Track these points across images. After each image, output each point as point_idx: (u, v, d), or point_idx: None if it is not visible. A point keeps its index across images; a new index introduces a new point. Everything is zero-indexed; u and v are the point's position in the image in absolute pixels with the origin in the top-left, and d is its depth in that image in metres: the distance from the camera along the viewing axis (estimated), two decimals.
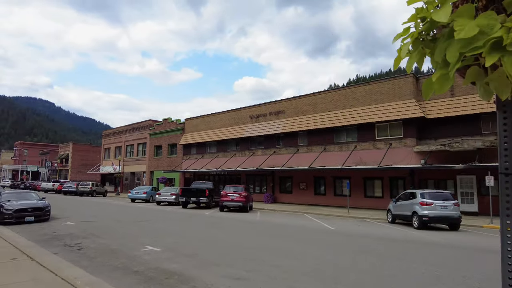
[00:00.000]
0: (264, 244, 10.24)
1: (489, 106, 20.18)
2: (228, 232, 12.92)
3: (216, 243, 10.33)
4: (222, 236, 11.79)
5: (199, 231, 13.03)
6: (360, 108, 24.91)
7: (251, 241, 10.84)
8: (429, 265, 7.79)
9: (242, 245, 10.03)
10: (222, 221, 16.59)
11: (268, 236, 12.11)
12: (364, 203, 23.85)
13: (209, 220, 17.00)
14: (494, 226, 15.29)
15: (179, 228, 13.84)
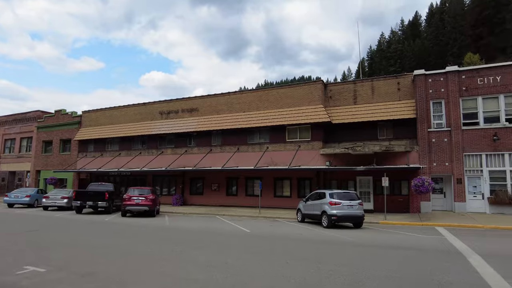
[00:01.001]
0: (178, 253, 9.14)
1: (384, 115, 22.57)
2: (134, 241, 11.35)
3: (120, 255, 8.82)
4: (126, 246, 10.22)
5: (98, 241, 11.14)
6: (273, 110, 25.35)
7: (162, 250, 9.60)
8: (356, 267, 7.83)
9: (152, 256, 8.75)
10: (125, 228, 14.72)
11: (181, 243, 10.99)
12: (274, 203, 24.29)
13: (110, 227, 14.93)
14: (388, 222, 16.94)
15: (72, 238, 11.65)
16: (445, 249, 10.07)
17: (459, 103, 20.35)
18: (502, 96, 19.57)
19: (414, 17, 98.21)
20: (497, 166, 19.28)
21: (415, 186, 17.91)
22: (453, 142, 20.09)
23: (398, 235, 13.16)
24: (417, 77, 21.65)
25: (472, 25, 73.84)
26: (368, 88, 23.80)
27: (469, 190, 19.66)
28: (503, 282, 6.55)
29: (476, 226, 15.31)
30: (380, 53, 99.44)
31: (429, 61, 74.70)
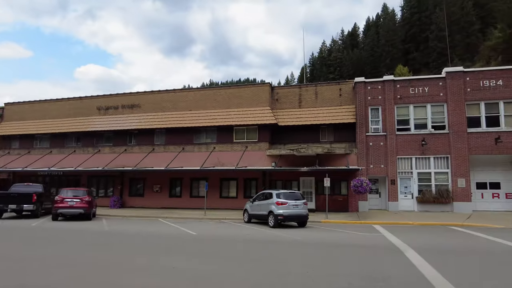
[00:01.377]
0: (120, 261, 8.48)
1: (326, 119, 23.61)
2: (68, 248, 10.31)
3: (53, 267, 7.92)
4: (59, 255, 9.23)
5: (21, 251, 9.90)
6: (220, 110, 25.09)
7: (102, 258, 8.84)
8: (310, 266, 7.93)
9: (92, 264, 8.00)
10: (58, 233, 13.35)
11: (124, 249, 10.25)
12: (219, 204, 24.00)
13: (39, 233, 13.43)
14: (330, 221, 17.70)
15: None
16: (384, 246, 10.75)
17: (394, 110, 22.06)
18: (429, 105, 21.65)
19: (353, 28, 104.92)
20: (424, 168, 21.27)
21: (354, 186, 18.97)
22: (388, 146, 21.71)
23: (341, 233, 13.78)
24: (357, 84, 23.01)
25: (402, 40, 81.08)
26: (312, 93, 24.72)
27: (401, 190, 21.41)
28: (436, 273, 7.13)
29: (407, 223, 16.68)
30: (321, 60, 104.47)
31: (365, 70, 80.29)
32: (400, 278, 6.89)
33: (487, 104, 20.85)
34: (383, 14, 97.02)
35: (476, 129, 20.68)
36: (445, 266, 7.81)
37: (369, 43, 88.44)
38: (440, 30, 70.74)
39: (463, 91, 21.01)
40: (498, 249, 10.22)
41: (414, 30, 79.53)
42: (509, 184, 20.80)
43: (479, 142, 20.48)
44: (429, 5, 79.80)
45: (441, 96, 21.46)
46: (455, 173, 20.43)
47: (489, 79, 20.93)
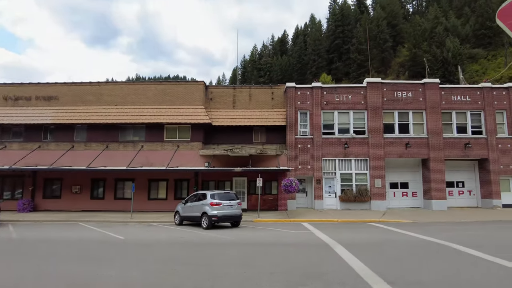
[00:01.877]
0: (36, 274, 7.50)
1: (259, 121, 24.13)
2: None
3: None
4: None
5: None
6: (151, 107, 23.91)
7: (17, 268, 7.71)
8: (248, 266, 7.92)
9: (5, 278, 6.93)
10: None
11: (39, 257, 9.09)
12: (147, 206, 22.81)
13: None
14: (262, 220, 18.08)
15: None
16: (315, 243, 11.35)
17: (321, 115, 23.49)
18: (352, 112, 23.56)
19: (283, 35, 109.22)
20: (346, 170, 23.07)
21: (285, 186, 19.71)
22: (315, 148, 23.03)
23: (274, 231, 14.17)
24: (288, 89, 23.98)
25: (327, 50, 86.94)
26: (246, 95, 25.06)
27: (326, 190, 22.88)
28: (364, 267, 7.76)
29: (332, 220, 17.87)
30: (252, 64, 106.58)
31: (293, 76, 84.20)
32: (334, 273, 7.33)
33: (399, 113, 23.48)
34: (311, 24, 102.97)
35: (390, 135, 23.13)
36: (371, 259, 8.54)
37: (297, 50, 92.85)
38: (360, 44, 77.63)
39: (380, 100, 23.34)
40: (412, 241, 11.53)
41: (337, 42, 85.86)
42: (416, 184, 23.72)
43: (393, 146, 22.95)
44: (351, 20, 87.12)
45: (362, 104, 23.52)
46: (373, 174, 22.57)
47: (401, 91, 23.60)
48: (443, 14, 77.57)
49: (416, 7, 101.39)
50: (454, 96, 23.41)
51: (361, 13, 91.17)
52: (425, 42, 70.29)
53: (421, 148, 22.89)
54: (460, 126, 23.27)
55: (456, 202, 23.10)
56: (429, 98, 23.19)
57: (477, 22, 69.22)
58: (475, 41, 67.86)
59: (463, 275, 7.14)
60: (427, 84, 23.47)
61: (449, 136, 22.99)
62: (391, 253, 9.52)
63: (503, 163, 22.70)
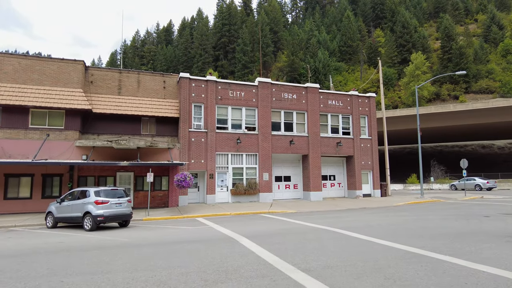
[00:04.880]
0: None
1: (149, 111, 22.50)
2: None
3: None
4: None
5: None
6: (10, 85, 19.48)
7: None
8: (155, 269, 7.10)
9: None
10: None
11: None
12: (4, 207, 18.54)
13: None
14: (152, 218, 16.86)
15: None
16: (219, 237, 11.15)
17: (215, 109, 23.42)
18: (244, 109, 24.26)
19: (169, 24, 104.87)
20: (238, 164, 23.65)
21: (178, 181, 18.86)
22: (209, 142, 22.83)
23: (170, 229, 13.35)
24: (182, 80, 23.06)
25: (213, 46, 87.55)
26: (134, 81, 23.00)
27: (218, 184, 22.96)
28: (276, 258, 7.98)
29: (226, 214, 18.02)
30: (133, 50, 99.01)
31: (179, 68, 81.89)
32: (249, 266, 7.29)
33: (285, 113, 25.36)
34: (198, 18, 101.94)
35: (277, 132, 24.76)
36: (278, 249, 8.87)
37: (183, 42, 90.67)
38: (245, 45, 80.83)
39: (270, 100, 24.72)
40: (305, 229, 12.50)
41: (224, 40, 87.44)
42: (296, 177, 26.09)
43: (279, 143, 24.64)
44: (238, 20, 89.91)
45: (254, 101, 24.47)
46: (261, 168, 23.77)
47: (288, 92, 25.54)
48: (316, 28, 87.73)
49: (294, 18, 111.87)
50: (330, 101, 26.66)
51: (247, 15, 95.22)
52: (302, 51, 78.24)
53: (302, 145, 25.26)
54: (334, 127, 26.69)
55: (329, 193, 26.44)
56: (310, 101, 25.78)
57: (342, 40, 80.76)
58: (340, 55, 79.04)
59: (360, 256, 8.08)
60: (309, 88, 26.03)
61: (325, 136, 26.09)
62: (292, 242, 10.09)
63: (363, 159, 27.08)
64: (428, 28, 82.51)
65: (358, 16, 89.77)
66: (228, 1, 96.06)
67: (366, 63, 73.84)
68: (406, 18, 72.81)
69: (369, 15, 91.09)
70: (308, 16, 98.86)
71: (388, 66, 68.42)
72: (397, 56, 69.85)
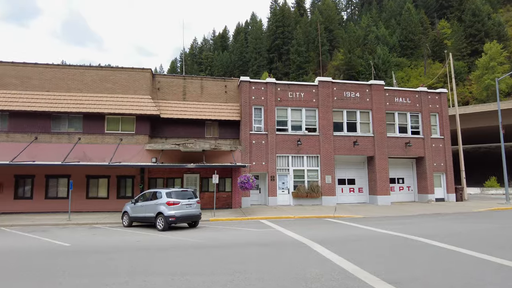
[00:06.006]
0: None
1: (212, 115, 23.07)
2: None
3: None
4: None
5: None
6: (89, 94, 21.31)
7: None
8: (239, 272, 7.08)
9: None
10: None
11: None
12: (86, 206, 20.29)
13: None
14: (218, 219, 17.18)
15: None
16: (288, 241, 10.89)
17: (275, 111, 23.30)
18: (304, 109, 23.79)
19: (224, 31, 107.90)
20: (299, 166, 23.24)
21: (241, 183, 19.01)
22: (269, 144, 22.77)
23: (237, 231, 13.42)
24: (242, 83, 23.32)
25: (267, 49, 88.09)
26: (198, 86, 23.78)
27: (279, 186, 22.77)
28: (355, 267, 7.48)
29: (289, 217, 17.71)
30: (192, 57, 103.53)
31: (234, 73, 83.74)
32: (329, 275, 6.91)
33: (348, 112, 24.37)
34: (252, 22, 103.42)
35: (339, 133, 23.87)
36: (356, 257, 8.34)
37: (238, 47, 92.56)
38: (299, 45, 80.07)
39: (331, 99, 23.95)
40: (378, 236, 11.73)
41: (278, 42, 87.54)
42: (361, 180, 24.89)
43: (342, 144, 23.72)
44: (291, 22, 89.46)
45: (314, 102, 23.89)
46: (324, 170, 23.08)
47: (350, 91, 24.52)
48: (374, 24, 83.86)
49: (350, 15, 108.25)
50: (396, 98, 25.06)
51: (301, 16, 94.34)
52: (359, 48, 75.31)
53: (367, 146, 24.04)
54: (401, 126, 25.02)
55: (397, 197, 24.81)
56: (375, 99, 24.47)
57: (402, 34, 76.14)
58: (401, 50, 74.55)
59: (448, 267, 7.25)
60: (373, 86, 24.73)
61: (392, 135, 24.55)
62: (367, 249, 9.47)
63: (435, 160, 24.98)
64: (504, 14, 74.31)
65: (419, 8, 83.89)
66: (281, 3, 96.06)
67: (430, 57, 68.69)
68: (477, 4, 66.35)
69: (432, 5, 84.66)
70: (365, 12, 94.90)
71: (456, 59, 62.79)
72: (466, 47, 63.85)
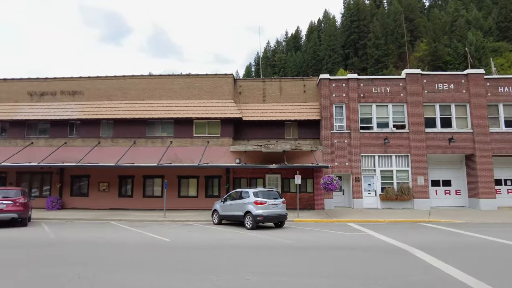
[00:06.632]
0: (93, 280, 6.58)
1: (291, 115, 23.03)
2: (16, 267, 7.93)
3: None
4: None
5: None
6: (179, 101, 23.02)
7: (69, 276, 6.79)
8: (330, 275, 6.88)
9: None
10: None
11: (88, 264, 8.19)
12: (177, 204, 21.94)
13: None
14: (302, 220, 17.00)
15: None
16: (383, 246, 10.22)
17: (358, 108, 22.28)
18: (391, 105, 22.29)
19: (296, 31, 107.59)
20: (386, 166, 21.82)
21: (325, 184, 18.53)
22: (352, 143, 21.84)
23: (325, 233, 13.08)
24: (322, 81, 22.80)
25: (342, 45, 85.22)
26: (276, 88, 23.98)
27: (365, 188, 21.68)
28: (473, 279, 6.62)
29: (378, 221, 16.70)
30: (265, 60, 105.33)
31: (308, 72, 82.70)
32: (444, 285, 6.22)
33: (441, 106, 22.12)
34: (325, 19, 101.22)
35: (432, 129, 21.79)
36: (469, 268, 7.41)
37: (311, 46, 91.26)
38: (377, 38, 75.80)
39: (421, 93, 22.01)
40: (490, 245, 10.32)
41: (353, 37, 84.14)
42: (458, 181, 22.36)
43: (435, 141, 21.62)
44: (367, 15, 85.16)
45: (401, 96, 22.23)
46: (415, 171, 21.29)
47: (442, 82, 22.23)
48: (463, 7, 75.28)
49: (433, 1, 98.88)
50: (501, 88, 21.95)
51: (377, 8, 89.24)
52: (445, 35, 68.28)
53: (465, 143, 21.51)
54: (508, 119, 21.81)
55: (504, 201, 21.61)
56: (473, 90, 21.78)
57: (501, 14, 66.93)
58: (499, 33, 65.56)
59: None
60: (470, 75, 22.06)
61: (496, 131, 21.56)
62: (480, 259, 8.37)
63: None
64: None
65: None
66: None
67: None
68: None
69: None
70: None
71: None
72: None
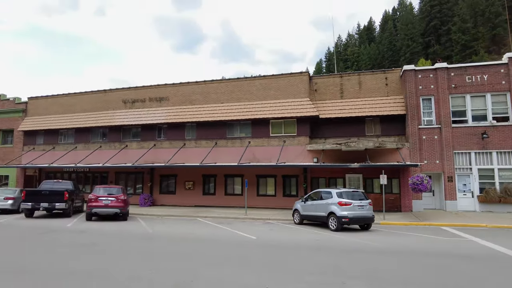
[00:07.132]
0: (196, 275, 6.93)
1: (373, 111, 21.80)
2: (130, 261, 8.80)
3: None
4: (118, 271, 7.71)
5: (66, 262, 8.41)
6: (255, 102, 23.46)
7: (178, 272, 7.28)
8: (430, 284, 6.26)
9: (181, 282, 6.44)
10: (100, 238, 11.84)
11: (189, 259, 8.71)
12: (257, 202, 22.42)
13: (79, 237, 11.93)
14: (389, 222, 15.92)
15: (19, 258, 8.75)
16: (499, 256, 9.01)
17: (449, 100, 20.19)
18: (489, 95, 19.73)
19: (369, 22, 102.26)
20: (486, 164, 19.37)
21: (414, 184, 17.13)
22: (444, 139, 19.86)
23: (418, 237, 12.03)
24: (406, 73, 21.16)
25: (421, 33, 78.39)
26: (355, 83, 22.93)
27: (459, 189, 19.55)
28: None
29: (480, 225, 14.84)
30: (337, 55, 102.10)
31: (384, 65, 77.91)
32: None
33: None
34: (400, 7, 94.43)
35: None
36: None
37: (386, 37, 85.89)
38: (463, 22, 68.11)
39: None
40: None
41: (434, 23, 76.85)
42: None
43: None
44: None
45: (503, 84, 19.52)
46: None
47: None
48: None
49: None
50: None
51: None
52: None
53: None
54: None
55: None
56: None
57: None
58: None
59: None
60: None
61: None
62: None
63: None
64: None
65: None
66: None
67: None
68: None
69: None
70: None
71: None
72: None
